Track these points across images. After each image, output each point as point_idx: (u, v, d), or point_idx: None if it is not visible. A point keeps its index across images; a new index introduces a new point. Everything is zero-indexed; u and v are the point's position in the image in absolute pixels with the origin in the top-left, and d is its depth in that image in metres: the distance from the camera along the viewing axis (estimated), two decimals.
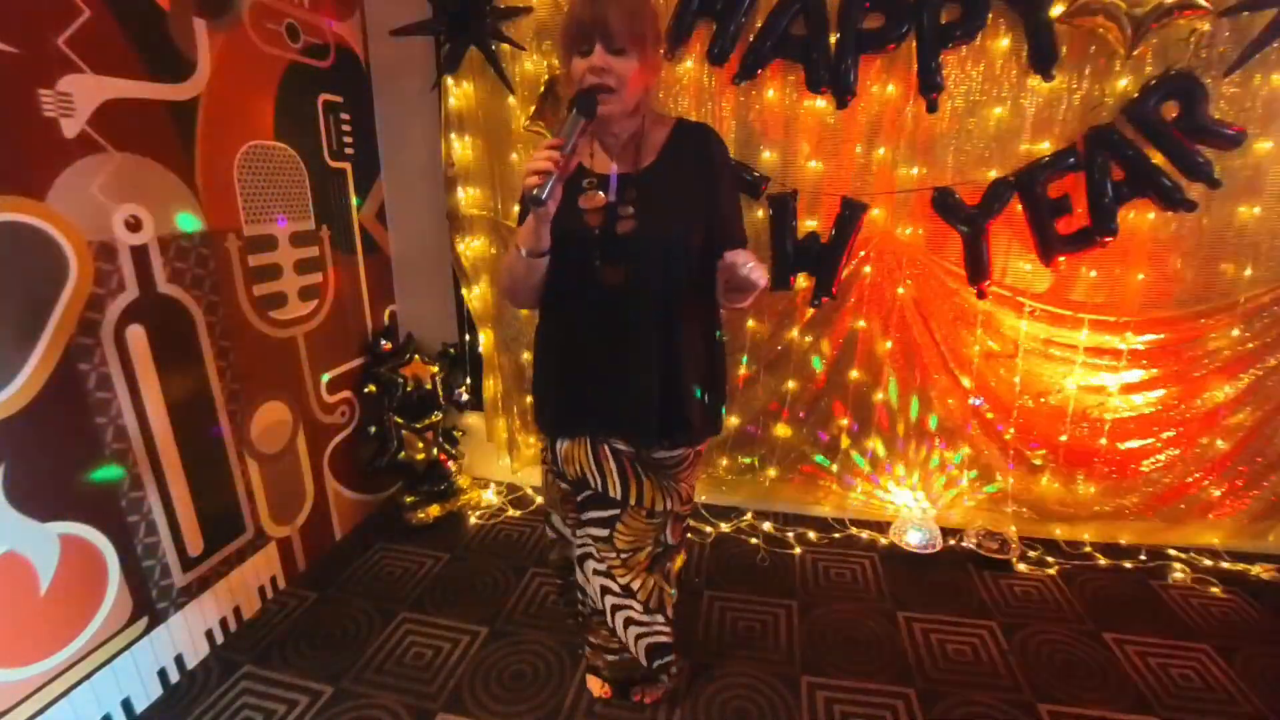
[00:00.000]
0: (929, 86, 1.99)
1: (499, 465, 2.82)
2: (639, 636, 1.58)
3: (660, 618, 1.58)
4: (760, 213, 2.23)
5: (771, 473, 2.55)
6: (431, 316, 2.71)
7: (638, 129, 1.32)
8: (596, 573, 1.56)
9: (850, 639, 1.94)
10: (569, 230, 1.27)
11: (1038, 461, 2.36)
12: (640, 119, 1.32)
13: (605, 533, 1.50)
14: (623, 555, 1.51)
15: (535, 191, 1.11)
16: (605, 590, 1.55)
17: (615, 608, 1.56)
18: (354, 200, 2.42)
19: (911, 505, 2.46)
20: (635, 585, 1.53)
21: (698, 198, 1.31)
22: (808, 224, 2.24)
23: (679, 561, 1.63)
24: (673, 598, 1.62)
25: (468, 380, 2.73)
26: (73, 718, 1.51)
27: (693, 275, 1.31)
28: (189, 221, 1.73)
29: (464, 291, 2.55)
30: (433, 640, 1.92)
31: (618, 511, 1.48)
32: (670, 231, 1.28)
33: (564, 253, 1.28)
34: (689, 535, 1.69)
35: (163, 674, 1.74)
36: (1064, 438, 2.30)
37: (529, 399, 2.51)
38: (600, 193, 1.28)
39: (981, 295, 2.18)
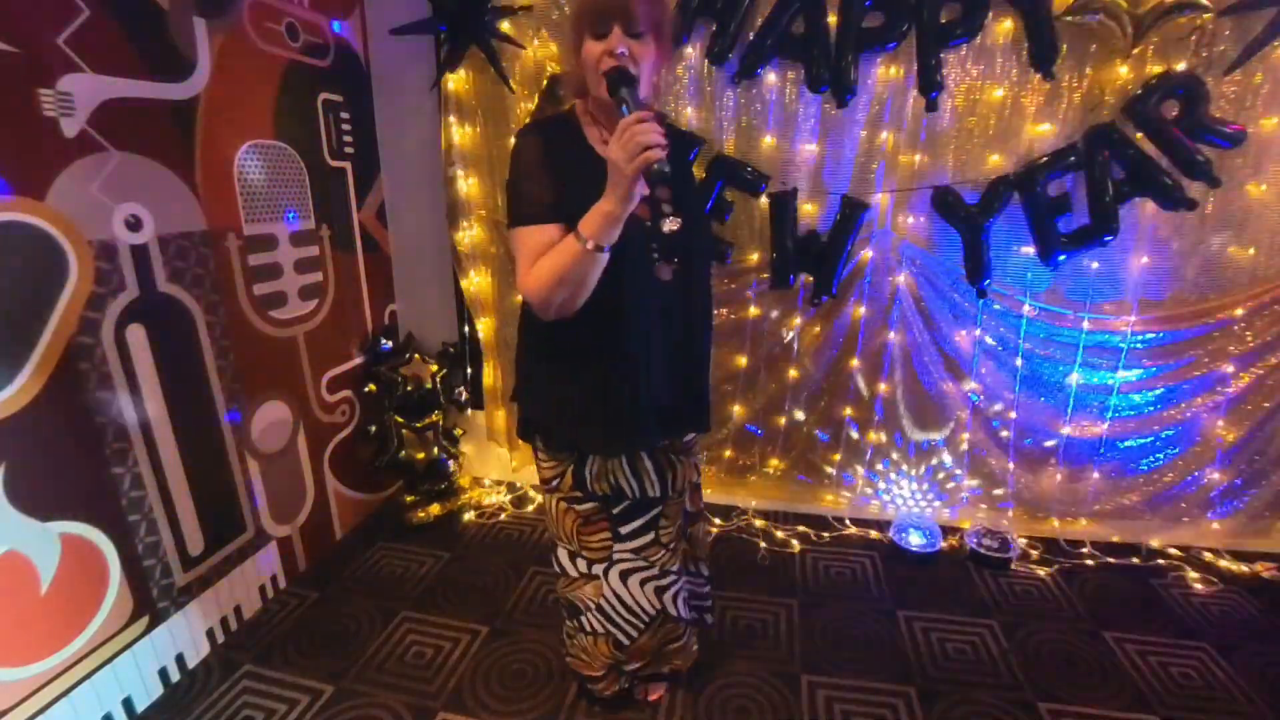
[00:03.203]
0: (929, 85, 1.99)
1: (499, 464, 2.82)
2: (687, 597, 1.62)
3: (692, 574, 1.66)
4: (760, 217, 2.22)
5: (771, 471, 2.56)
6: (432, 316, 2.71)
7: None
8: (647, 580, 1.48)
9: (850, 638, 1.94)
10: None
11: (1038, 459, 2.36)
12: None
13: (650, 535, 1.44)
14: (670, 547, 1.48)
15: (658, 166, 0.96)
16: (662, 589, 1.49)
17: (675, 594, 1.53)
18: (353, 200, 2.42)
19: (912, 504, 2.46)
20: (676, 566, 1.53)
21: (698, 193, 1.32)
22: (807, 208, 2.24)
23: (706, 529, 1.69)
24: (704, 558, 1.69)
25: (468, 371, 2.72)
26: (74, 717, 1.52)
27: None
28: None
29: (461, 282, 2.53)
30: (433, 639, 1.93)
31: (660, 508, 1.44)
32: (704, 223, 1.31)
33: (619, 248, 1.13)
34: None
35: (163, 673, 1.74)
36: (1065, 434, 2.30)
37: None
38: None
39: (981, 294, 2.18)
